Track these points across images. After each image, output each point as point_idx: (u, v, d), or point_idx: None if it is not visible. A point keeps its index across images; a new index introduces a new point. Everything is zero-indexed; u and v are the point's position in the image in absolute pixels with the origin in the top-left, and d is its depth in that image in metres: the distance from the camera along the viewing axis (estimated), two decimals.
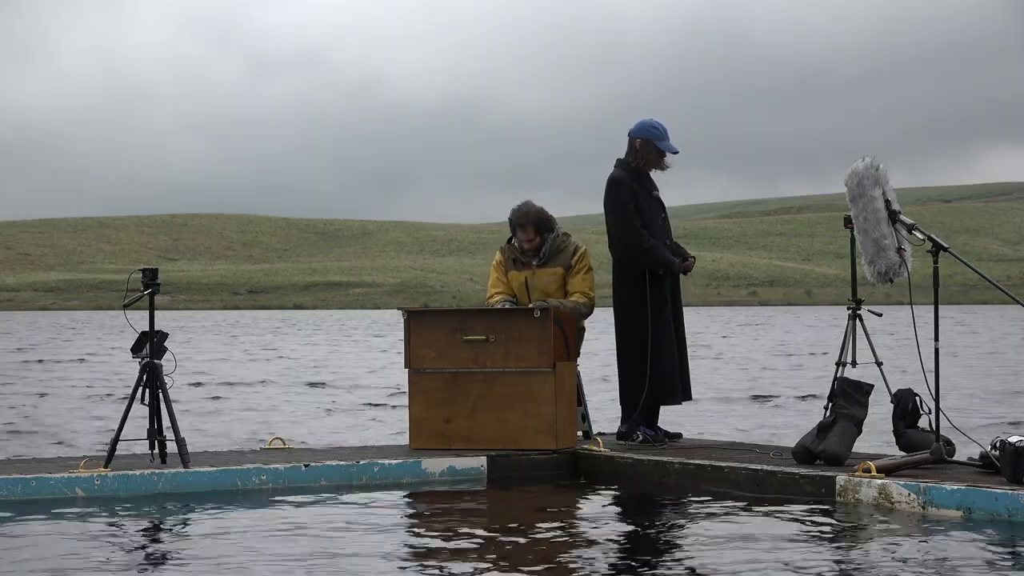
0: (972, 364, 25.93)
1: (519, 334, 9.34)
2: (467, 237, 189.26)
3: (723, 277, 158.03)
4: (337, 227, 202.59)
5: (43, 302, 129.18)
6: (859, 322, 9.01)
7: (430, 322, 9.60)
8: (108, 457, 8.50)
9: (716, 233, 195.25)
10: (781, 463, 8.56)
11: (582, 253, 9.89)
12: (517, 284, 9.88)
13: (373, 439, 12.59)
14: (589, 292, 9.79)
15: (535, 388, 9.29)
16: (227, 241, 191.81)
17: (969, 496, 7.43)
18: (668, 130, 9.68)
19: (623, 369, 9.67)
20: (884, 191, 8.50)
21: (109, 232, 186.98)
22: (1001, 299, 35.25)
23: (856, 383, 8.62)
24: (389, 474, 8.98)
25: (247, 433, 13.78)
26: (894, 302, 32.88)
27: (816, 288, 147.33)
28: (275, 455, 9.28)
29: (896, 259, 8.46)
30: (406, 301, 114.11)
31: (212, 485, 8.51)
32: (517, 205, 9.93)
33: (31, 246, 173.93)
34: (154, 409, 8.59)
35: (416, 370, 9.59)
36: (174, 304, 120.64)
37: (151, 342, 8.61)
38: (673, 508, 8.15)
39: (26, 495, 8.15)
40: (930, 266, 8.35)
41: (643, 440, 9.60)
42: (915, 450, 8.41)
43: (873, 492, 7.78)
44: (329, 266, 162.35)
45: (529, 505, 8.40)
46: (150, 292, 8.65)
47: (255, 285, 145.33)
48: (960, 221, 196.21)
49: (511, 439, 9.33)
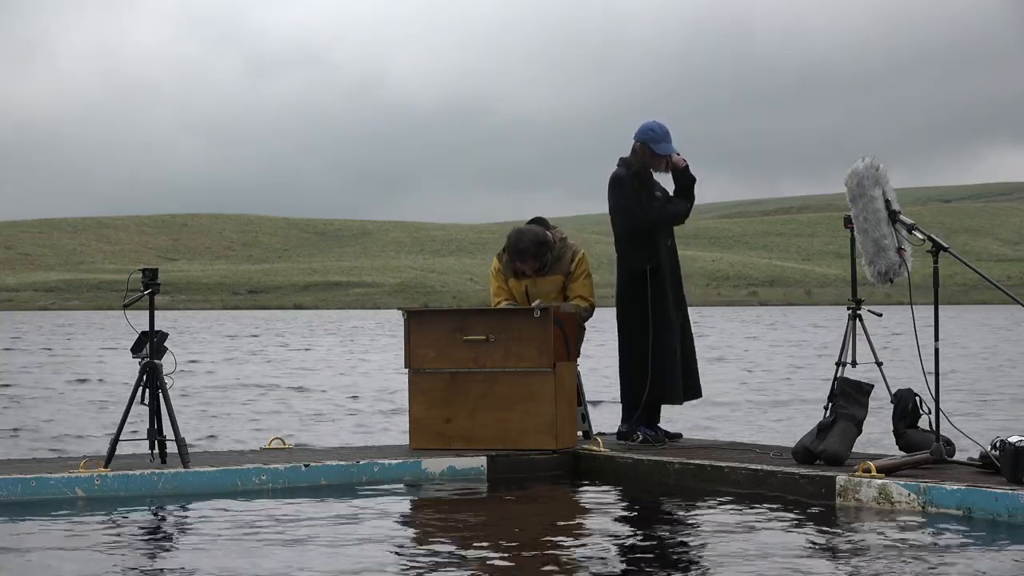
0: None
1: (519, 334, 9.34)
2: (467, 237, 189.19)
3: (723, 277, 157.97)
4: (337, 227, 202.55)
5: (43, 302, 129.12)
6: (859, 322, 9.01)
7: (430, 322, 9.60)
8: (108, 457, 8.49)
9: (716, 233, 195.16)
10: (781, 463, 8.56)
11: (580, 258, 9.87)
12: (518, 292, 9.86)
13: (374, 440, 12.59)
14: (589, 297, 9.79)
15: (535, 388, 9.29)
16: (227, 241, 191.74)
17: (969, 496, 7.43)
18: (670, 132, 9.63)
19: (624, 368, 9.67)
20: (884, 191, 8.50)
21: (109, 232, 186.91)
22: (1001, 299, 35.24)
23: (856, 383, 8.61)
24: (389, 474, 8.98)
25: (247, 433, 13.77)
26: (894, 302, 32.88)
27: (816, 288, 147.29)
28: (275, 455, 9.28)
29: (896, 259, 8.46)
30: (406, 301, 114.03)
31: (212, 485, 8.51)
32: (513, 236, 9.75)
33: (31, 246, 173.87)
34: (154, 409, 8.59)
35: (416, 370, 9.59)
36: (174, 304, 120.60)
37: (151, 342, 8.61)
38: (673, 508, 8.15)
39: (26, 495, 8.15)
40: (930, 266, 8.34)
41: (643, 440, 9.60)
42: (915, 450, 8.42)
43: (873, 492, 7.78)
44: (329, 266, 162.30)
45: (529, 505, 8.40)
46: (150, 292, 8.65)
47: (255, 285, 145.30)
48: (960, 221, 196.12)
49: (511, 439, 9.33)
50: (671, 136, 9.64)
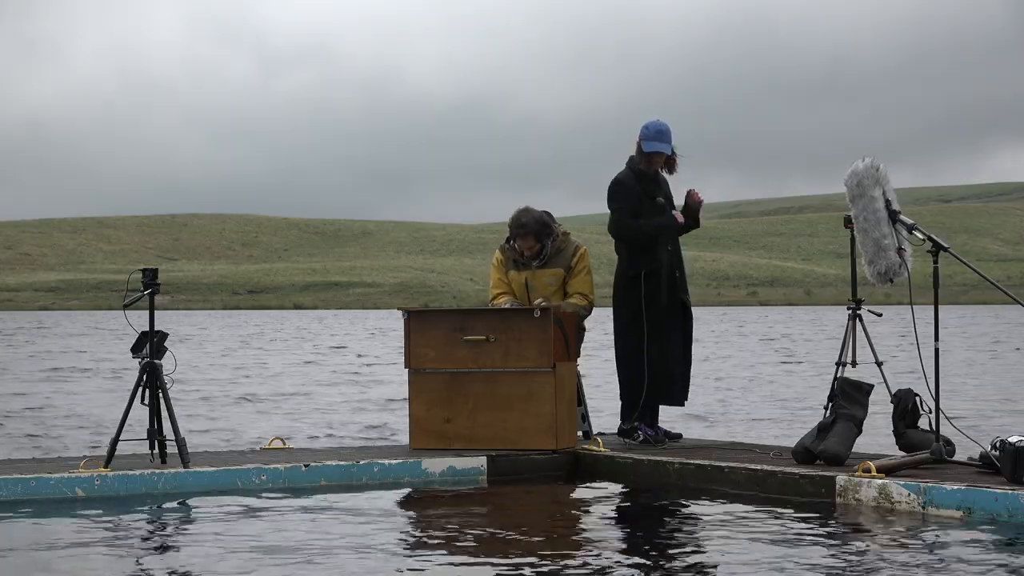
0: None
1: (519, 334, 9.34)
2: (467, 237, 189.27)
3: (723, 277, 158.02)
4: (337, 227, 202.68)
5: (43, 302, 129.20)
6: (859, 322, 9.01)
7: (430, 322, 9.60)
8: (108, 457, 8.49)
9: (716, 233, 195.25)
10: (781, 463, 8.56)
11: (582, 254, 9.88)
12: (517, 285, 9.87)
13: (373, 440, 12.59)
14: (588, 294, 9.79)
15: (535, 388, 9.29)
16: (227, 241, 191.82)
17: (969, 496, 7.43)
18: (670, 131, 9.60)
19: (623, 369, 9.66)
20: (884, 191, 8.50)
21: (109, 232, 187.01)
22: (1001, 299, 35.26)
23: (856, 383, 8.61)
24: (389, 474, 8.98)
25: (247, 433, 13.78)
26: (894, 302, 32.93)
27: (816, 288, 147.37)
28: (275, 455, 9.27)
29: (896, 259, 8.46)
30: (406, 301, 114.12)
31: (212, 485, 8.51)
32: (516, 212, 9.84)
33: (31, 246, 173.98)
34: (154, 409, 8.59)
35: (416, 370, 9.59)
36: (174, 304, 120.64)
37: (151, 342, 8.61)
38: (673, 508, 8.15)
39: (26, 495, 8.15)
40: (930, 266, 8.34)
41: (643, 440, 9.60)
42: (915, 450, 8.42)
43: (873, 492, 7.78)
44: (329, 266, 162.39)
45: (529, 505, 8.40)
46: (150, 292, 8.65)
47: (255, 285, 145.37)
48: (960, 221, 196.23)
49: (511, 439, 9.33)
50: (669, 136, 9.61)
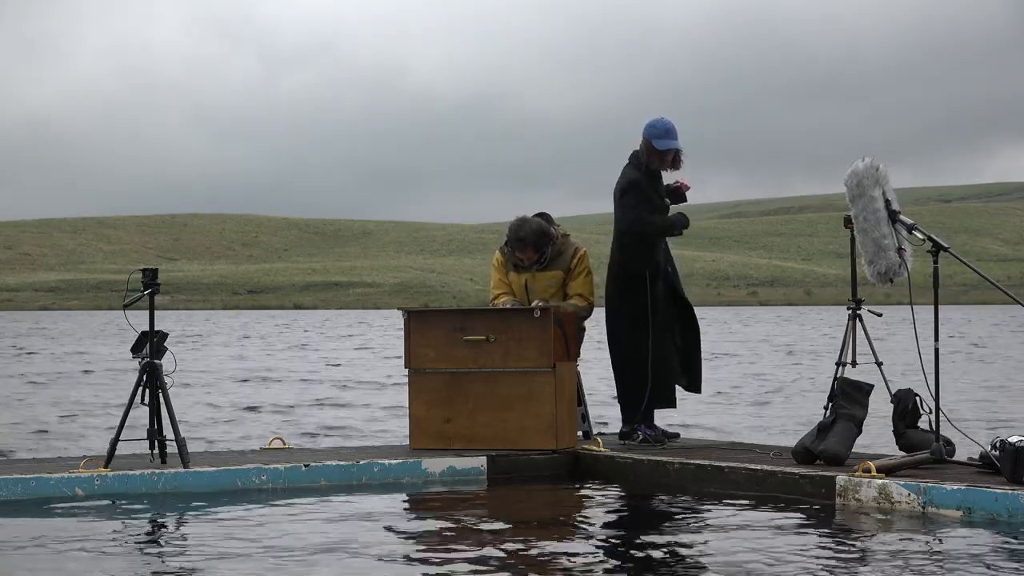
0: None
1: (519, 334, 9.34)
2: (467, 237, 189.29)
3: (723, 277, 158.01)
4: (337, 227, 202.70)
5: (43, 302, 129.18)
6: (859, 322, 9.01)
7: (430, 322, 9.60)
8: (108, 457, 8.49)
9: (716, 233, 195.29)
10: (781, 463, 8.56)
11: (581, 256, 9.87)
12: (517, 286, 9.87)
13: (372, 440, 12.59)
14: (588, 295, 9.78)
15: (535, 388, 9.29)
16: (227, 241, 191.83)
17: (969, 496, 7.43)
18: (676, 129, 9.61)
19: (623, 370, 9.65)
20: (884, 191, 8.50)
21: (109, 232, 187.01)
22: (1001, 299, 35.23)
23: (856, 383, 8.61)
24: (389, 474, 8.98)
25: (248, 433, 13.78)
26: (894, 302, 32.92)
27: (816, 288, 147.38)
28: (275, 455, 9.28)
29: (896, 259, 8.46)
30: (406, 301, 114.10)
31: (212, 485, 8.51)
32: (514, 225, 9.77)
33: (31, 246, 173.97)
34: (154, 409, 8.60)
35: (416, 370, 9.59)
36: (174, 304, 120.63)
37: (151, 342, 8.61)
38: (673, 508, 8.15)
39: (26, 495, 8.15)
40: (930, 266, 8.34)
41: (643, 440, 9.60)
42: (915, 450, 8.42)
43: (873, 492, 7.78)
44: (329, 266, 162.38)
45: (529, 505, 8.39)
46: (150, 292, 8.65)
47: (255, 285, 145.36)
48: (960, 221, 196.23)
49: (511, 439, 9.33)
50: (676, 133, 9.62)
